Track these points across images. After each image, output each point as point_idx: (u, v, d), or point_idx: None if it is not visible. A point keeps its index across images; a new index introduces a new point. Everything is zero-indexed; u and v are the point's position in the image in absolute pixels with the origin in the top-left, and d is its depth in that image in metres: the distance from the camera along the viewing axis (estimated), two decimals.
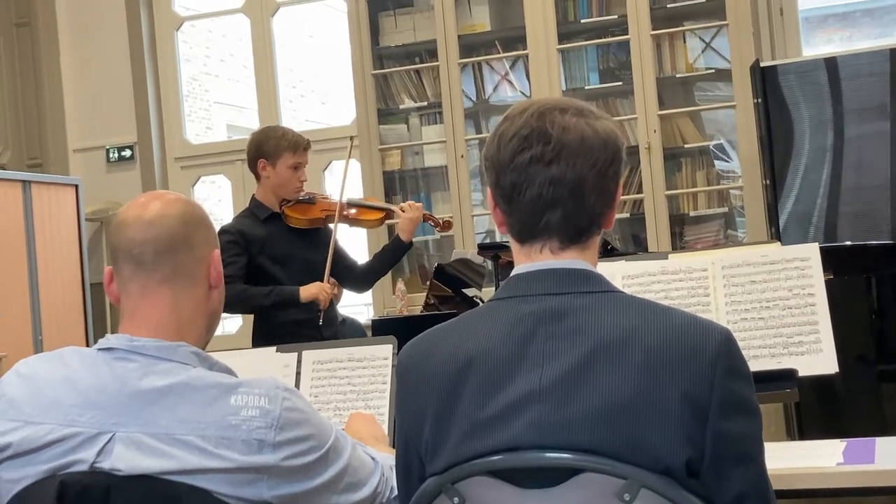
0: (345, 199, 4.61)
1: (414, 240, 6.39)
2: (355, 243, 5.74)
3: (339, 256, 4.61)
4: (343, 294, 5.32)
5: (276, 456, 1.76)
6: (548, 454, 1.58)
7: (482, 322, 1.72)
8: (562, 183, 1.67)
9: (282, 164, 4.44)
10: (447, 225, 5.00)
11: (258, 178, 4.51)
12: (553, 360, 1.62)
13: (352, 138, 5.02)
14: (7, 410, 1.82)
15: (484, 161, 1.78)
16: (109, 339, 1.85)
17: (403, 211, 4.62)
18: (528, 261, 1.74)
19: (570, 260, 1.71)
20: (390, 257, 4.73)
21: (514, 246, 1.77)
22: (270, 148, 4.44)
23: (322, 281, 4.39)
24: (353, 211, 4.66)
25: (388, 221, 4.94)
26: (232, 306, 4.27)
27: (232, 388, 1.78)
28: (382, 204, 4.78)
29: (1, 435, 1.80)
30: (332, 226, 4.52)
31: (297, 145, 4.46)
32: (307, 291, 4.35)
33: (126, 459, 1.73)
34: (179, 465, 1.72)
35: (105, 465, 1.73)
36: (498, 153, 1.72)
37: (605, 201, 1.72)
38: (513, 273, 1.75)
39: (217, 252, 1.95)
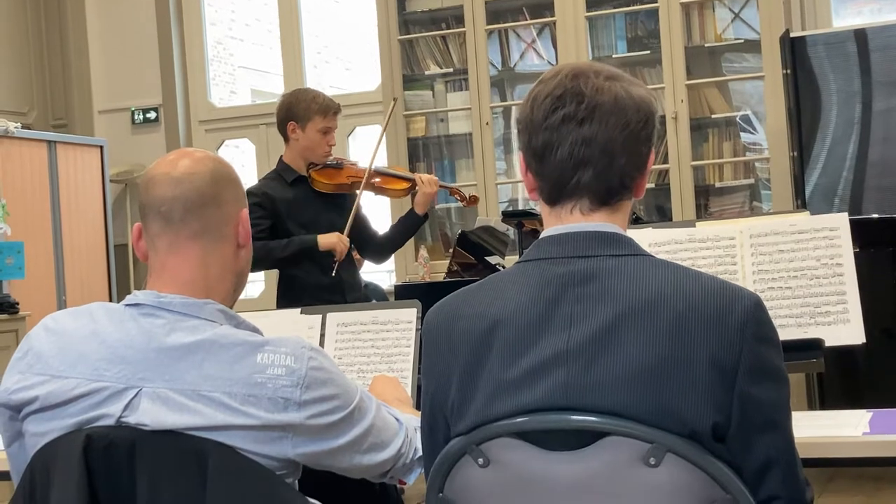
0: (372, 168, 4.59)
1: (437, 207, 6.37)
2: (378, 213, 5.74)
3: (362, 225, 4.59)
4: (365, 262, 5.31)
5: (302, 414, 1.76)
6: (573, 416, 1.58)
7: (510, 284, 1.72)
8: (594, 142, 1.67)
9: (311, 128, 4.42)
10: (473, 200, 4.96)
11: (287, 140, 4.50)
12: (580, 323, 1.62)
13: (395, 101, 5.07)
14: (34, 364, 1.83)
15: (517, 124, 1.78)
16: (137, 295, 1.86)
17: (422, 183, 4.59)
18: (559, 222, 1.73)
19: (600, 223, 1.71)
20: (405, 229, 4.71)
21: (543, 209, 1.76)
22: (301, 111, 4.42)
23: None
24: (378, 179, 4.64)
25: (413, 192, 4.92)
26: (255, 263, 4.26)
27: (258, 347, 1.78)
28: (408, 174, 4.75)
29: (28, 388, 1.81)
30: (357, 192, 4.51)
31: (328, 109, 4.44)
32: (326, 240, 4.33)
33: (152, 414, 1.73)
34: (205, 422, 1.73)
35: (131, 419, 1.74)
36: (531, 114, 1.72)
37: (636, 165, 1.72)
38: (542, 235, 1.74)
39: (245, 211, 1.95)
